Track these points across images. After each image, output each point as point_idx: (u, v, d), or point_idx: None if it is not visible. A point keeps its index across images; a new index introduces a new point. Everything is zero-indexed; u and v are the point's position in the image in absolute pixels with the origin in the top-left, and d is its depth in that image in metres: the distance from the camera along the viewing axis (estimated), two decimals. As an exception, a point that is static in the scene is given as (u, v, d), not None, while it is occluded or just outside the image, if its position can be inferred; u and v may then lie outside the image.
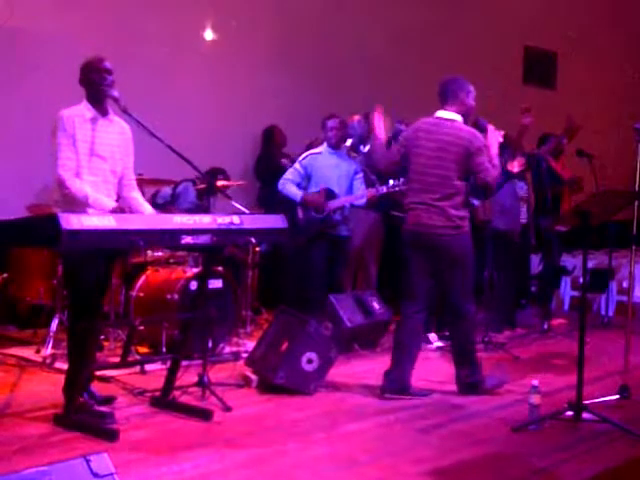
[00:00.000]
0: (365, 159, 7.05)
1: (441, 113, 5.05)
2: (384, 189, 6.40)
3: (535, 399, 4.49)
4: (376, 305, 6.40)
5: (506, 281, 7.04)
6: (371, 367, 5.77)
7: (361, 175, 6.62)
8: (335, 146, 6.54)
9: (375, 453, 4.01)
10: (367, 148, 7.26)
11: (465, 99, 5.05)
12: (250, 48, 8.28)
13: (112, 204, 4.31)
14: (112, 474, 2.49)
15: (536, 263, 8.16)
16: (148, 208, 4.58)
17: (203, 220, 4.24)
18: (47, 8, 6.92)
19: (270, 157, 7.95)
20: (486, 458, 4.03)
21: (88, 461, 2.45)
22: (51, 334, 5.73)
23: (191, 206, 6.79)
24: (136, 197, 4.60)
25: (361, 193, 6.50)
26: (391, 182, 6.36)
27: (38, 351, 5.71)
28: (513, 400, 5.01)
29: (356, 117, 7.28)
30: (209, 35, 8.08)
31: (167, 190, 6.69)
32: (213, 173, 6.50)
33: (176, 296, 5.70)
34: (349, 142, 6.83)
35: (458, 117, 5.02)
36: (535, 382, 4.51)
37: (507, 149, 6.42)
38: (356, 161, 6.76)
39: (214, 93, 7.94)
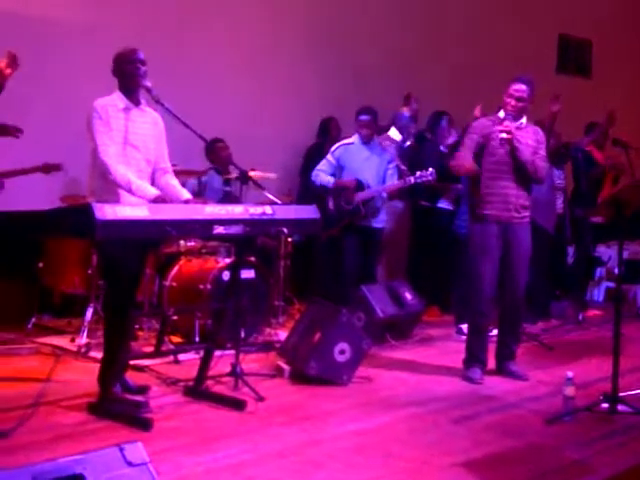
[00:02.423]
0: (398, 150, 7.02)
1: None
2: (411, 180, 6.37)
3: (570, 391, 4.44)
4: (408, 295, 6.38)
5: (540, 272, 6.98)
6: (403, 358, 5.77)
7: (394, 165, 6.60)
8: (367, 141, 6.52)
9: (407, 444, 3.99)
10: (409, 142, 7.26)
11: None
12: (287, 37, 8.26)
13: (155, 192, 4.32)
14: (146, 463, 2.51)
15: (571, 254, 8.09)
16: (185, 194, 4.59)
17: (235, 210, 4.25)
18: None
19: (323, 148, 7.89)
20: (520, 450, 4.00)
21: (122, 450, 2.46)
22: (86, 323, 5.79)
23: (219, 194, 6.82)
24: (173, 184, 4.60)
25: (387, 185, 6.47)
26: (418, 173, 6.34)
27: (73, 340, 5.77)
28: (547, 392, 4.98)
29: (405, 109, 7.26)
30: (245, 24, 8.06)
31: (193, 181, 6.72)
32: (212, 142, 6.50)
33: (209, 286, 5.72)
34: (398, 136, 6.80)
35: None
36: (570, 374, 4.46)
37: None
38: (389, 151, 6.73)
39: (250, 83, 7.92)
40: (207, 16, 7.64)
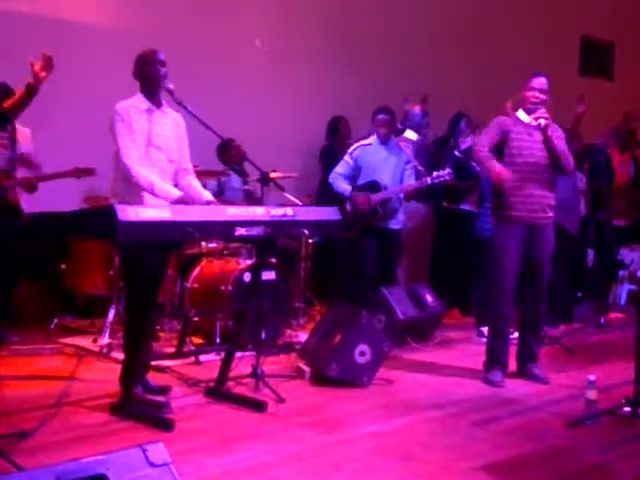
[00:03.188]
0: (415, 150, 7.01)
1: None
2: (427, 181, 6.36)
3: (592, 394, 4.42)
4: (429, 298, 6.37)
5: (562, 275, 6.94)
6: (424, 360, 5.75)
7: (411, 166, 6.58)
8: (385, 141, 6.52)
9: (428, 447, 3.98)
10: (427, 141, 7.24)
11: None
12: (304, 38, 8.27)
13: (178, 193, 4.34)
14: (168, 464, 2.52)
15: (593, 257, 8.04)
16: (207, 194, 4.61)
17: (256, 212, 4.26)
18: (105, 2, 7.01)
19: (334, 148, 7.90)
20: (541, 453, 3.98)
21: (145, 450, 2.48)
22: (108, 324, 5.82)
23: (240, 194, 6.85)
24: (194, 185, 4.63)
25: (404, 186, 6.46)
26: (435, 173, 6.32)
27: (95, 341, 5.81)
28: (569, 395, 4.95)
29: (417, 107, 7.23)
30: (261, 26, 8.09)
31: (213, 182, 6.75)
32: (223, 143, 6.53)
33: (230, 287, 5.73)
34: (413, 136, 6.78)
35: None
36: (592, 377, 4.43)
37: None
38: (406, 152, 6.71)
39: (268, 84, 7.94)
40: (224, 18, 7.68)
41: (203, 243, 6.12)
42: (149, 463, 2.46)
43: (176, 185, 4.54)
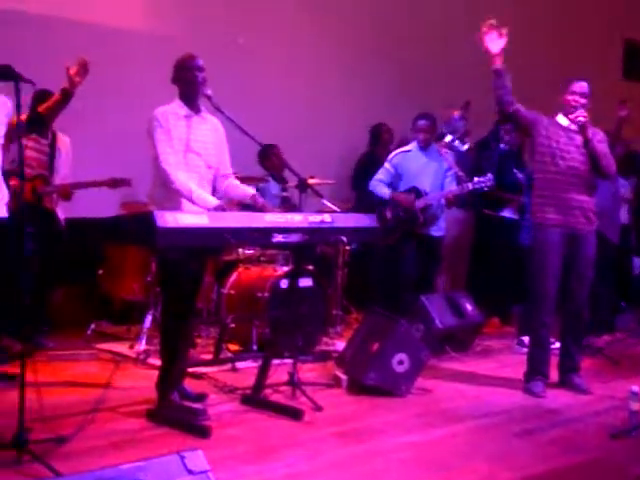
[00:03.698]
0: (456, 156, 6.94)
1: None
2: (469, 186, 6.29)
3: (635, 405, 4.32)
4: (468, 306, 6.29)
5: (604, 284, 6.82)
6: (463, 370, 5.68)
7: (452, 172, 6.52)
8: (425, 147, 6.46)
9: (467, 458, 3.92)
10: (465, 147, 7.16)
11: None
12: (339, 44, 8.24)
13: (215, 202, 4.32)
14: (206, 471, 2.49)
15: (637, 265, 7.90)
16: (250, 190, 4.59)
17: (294, 218, 4.24)
18: (140, 7, 7.04)
19: (374, 155, 7.86)
20: (583, 465, 3.90)
21: (183, 458, 2.46)
22: (144, 330, 5.83)
23: (277, 200, 6.84)
24: (236, 184, 4.62)
25: (445, 192, 6.40)
26: (476, 179, 6.25)
27: (132, 347, 5.81)
28: (612, 406, 4.84)
29: (456, 112, 7.17)
30: (298, 33, 8.08)
31: (251, 188, 6.74)
32: (265, 149, 6.51)
33: (267, 294, 5.71)
34: (449, 138, 6.72)
35: None
36: (635, 388, 4.34)
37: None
38: (447, 158, 6.65)
39: (306, 90, 7.93)
40: (262, 25, 7.68)
41: (240, 249, 6.11)
42: (187, 470, 2.44)
43: (214, 191, 4.54)
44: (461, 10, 9.03)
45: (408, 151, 6.53)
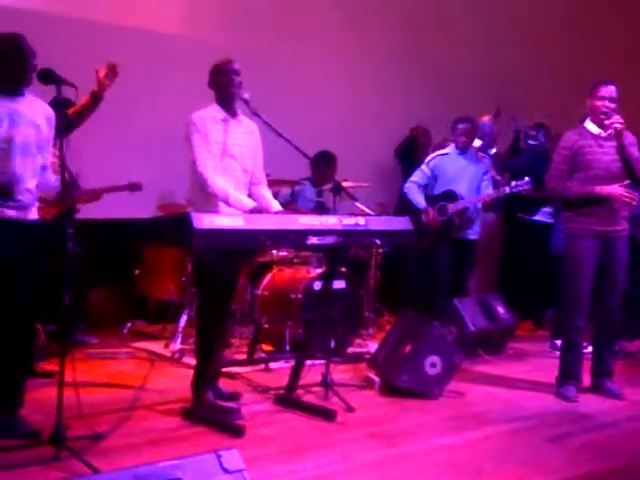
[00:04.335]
0: (492, 160, 6.93)
1: None
2: (506, 190, 6.27)
3: (669, 412, 4.31)
4: (501, 309, 6.28)
5: (637, 288, 6.76)
6: (496, 373, 5.68)
7: (489, 176, 6.52)
8: (464, 150, 6.46)
9: (500, 462, 3.92)
10: (493, 151, 7.15)
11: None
12: (378, 44, 8.26)
13: (251, 204, 4.38)
14: (242, 470, 2.53)
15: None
16: (276, 205, 4.64)
17: (329, 221, 4.26)
18: (180, 12, 7.12)
19: (413, 157, 7.88)
20: (616, 471, 3.89)
21: (219, 456, 2.50)
22: (179, 330, 5.90)
23: (312, 204, 6.88)
24: (265, 195, 4.66)
25: (482, 196, 6.39)
26: (513, 182, 6.24)
27: (167, 346, 5.88)
28: (645, 412, 4.83)
29: (486, 117, 7.17)
30: (335, 34, 8.11)
31: (286, 191, 6.79)
32: (322, 157, 6.56)
33: (300, 296, 5.75)
34: (478, 143, 6.72)
35: None
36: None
37: None
38: (484, 162, 6.65)
39: (341, 92, 7.96)
40: (298, 28, 7.73)
41: (274, 251, 6.16)
42: (223, 469, 2.48)
43: (250, 195, 4.59)
44: (504, 12, 9.01)
45: (446, 154, 6.53)
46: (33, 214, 3.89)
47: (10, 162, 3.73)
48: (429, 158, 6.61)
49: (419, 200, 6.47)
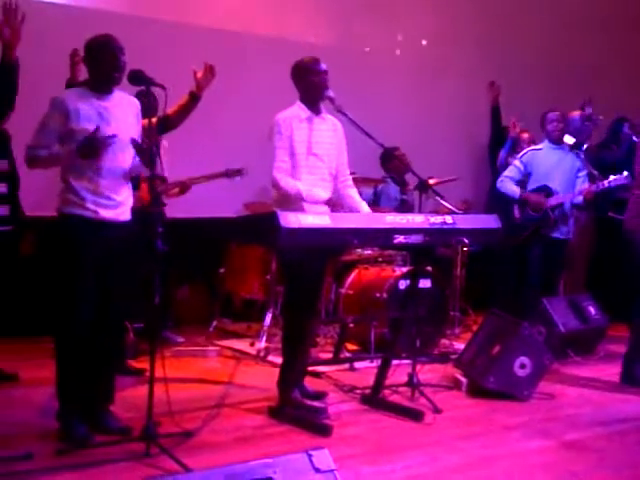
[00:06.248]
0: (586, 156, 6.75)
1: None
2: (604, 184, 6.09)
3: None
4: (592, 310, 6.11)
5: None
6: (587, 375, 5.53)
7: (585, 173, 6.33)
8: (557, 140, 6.31)
9: (593, 467, 3.80)
10: (584, 147, 6.97)
11: None
12: (459, 36, 8.17)
13: (325, 195, 4.41)
14: (333, 470, 2.51)
15: None
16: (364, 207, 4.61)
17: (415, 219, 4.20)
18: (261, 10, 7.16)
19: (499, 138, 7.76)
20: None
21: (310, 456, 2.48)
22: (264, 328, 5.92)
23: (395, 203, 6.82)
24: (351, 195, 4.65)
25: (578, 190, 6.22)
26: (612, 177, 6.04)
27: (252, 344, 5.92)
28: None
29: (576, 113, 6.99)
30: (424, 32, 8.06)
31: (369, 190, 6.76)
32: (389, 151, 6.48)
33: (385, 295, 5.71)
34: (571, 140, 6.55)
35: None
36: None
37: None
38: (580, 157, 6.48)
39: (429, 91, 7.90)
40: (380, 26, 7.68)
41: (358, 250, 6.13)
42: (314, 469, 2.47)
43: (336, 192, 4.57)
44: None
45: (539, 149, 6.39)
46: (126, 214, 3.93)
47: (101, 159, 3.78)
48: (522, 153, 6.48)
49: (514, 190, 6.31)
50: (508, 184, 6.35)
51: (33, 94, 4.43)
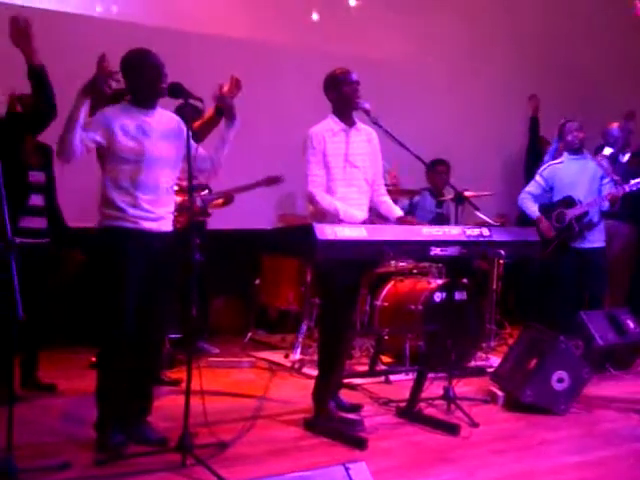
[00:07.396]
0: (612, 164, 6.70)
1: None
2: (626, 188, 6.04)
3: None
4: (631, 324, 6.02)
5: None
6: (625, 390, 5.45)
7: (608, 180, 6.28)
8: (577, 150, 6.26)
9: (632, 483, 3.77)
10: (626, 157, 6.90)
11: None
12: (493, 45, 8.16)
13: (361, 216, 4.38)
14: (370, 484, 2.51)
15: None
16: (398, 211, 4.60)
17: (452, 231, 4.20)
18: (289, 21, 7.19)
19: (536, 149, 7.72)
20: None
21: (347, 469, 2.47)
22: (299, 340, 5.92)
23: (431, 215, 6.80)
24: (386, 201, 4.63)
25: (603, 195, 6.16)
26: (632, 181, 5.99)
27: (287, 356, 5.92)
28: None
29: (615, 124, 6.93)
30: (462, 45, 8.03)
31: (405, 201, 6.74)
32: (433, 164, 6.48)
33: (420, 307, 5.68)
34: (608, 151, 6.49)
35: None
36: None
37: None
38: (602, 165, 6.41)
39: (466, 106, 7.89)
40: (413, 30, 7.68)
41: (393, 262, 6.11)
42: (352, 482, 2.46)
43: (372, 202, 4.56)
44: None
45: (559, 163, 6.37)
46: (167, 226, 3.95)
47: (142, 174, 3.81)
48: (542, 168, 6.47)
49: (533, 210, 6.31)
50: (528, 202, 6.34)
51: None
